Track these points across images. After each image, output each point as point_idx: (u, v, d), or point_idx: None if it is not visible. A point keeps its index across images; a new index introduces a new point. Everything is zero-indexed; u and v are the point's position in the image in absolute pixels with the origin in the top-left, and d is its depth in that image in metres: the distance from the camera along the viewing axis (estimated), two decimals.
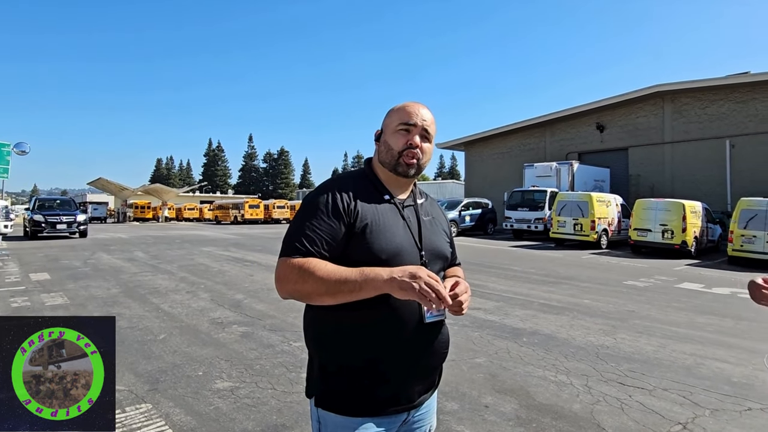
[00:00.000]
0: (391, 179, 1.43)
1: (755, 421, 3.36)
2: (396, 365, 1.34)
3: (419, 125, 1.39)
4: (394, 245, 1.32)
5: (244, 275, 9.65)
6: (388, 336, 1.32)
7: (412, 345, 1.35)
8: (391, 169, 1.41)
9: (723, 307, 7.33)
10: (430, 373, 1.43)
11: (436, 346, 1.40)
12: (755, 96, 19.12)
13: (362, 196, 1.37)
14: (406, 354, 1.35)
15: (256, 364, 4.34)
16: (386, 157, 1.41)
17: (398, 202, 1.42)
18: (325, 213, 1.32)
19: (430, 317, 1.34)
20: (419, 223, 1.43)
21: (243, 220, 39.65)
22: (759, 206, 12.39)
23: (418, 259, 1.37)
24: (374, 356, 1.32)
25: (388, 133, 1.42)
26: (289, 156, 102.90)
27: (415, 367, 1.37)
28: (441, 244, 1.48)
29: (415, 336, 1.34)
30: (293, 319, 5.95)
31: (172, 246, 16.39)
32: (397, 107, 1.44)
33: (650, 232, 14.55)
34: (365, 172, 1.47)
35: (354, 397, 1.31)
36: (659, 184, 21.74)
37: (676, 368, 4.42)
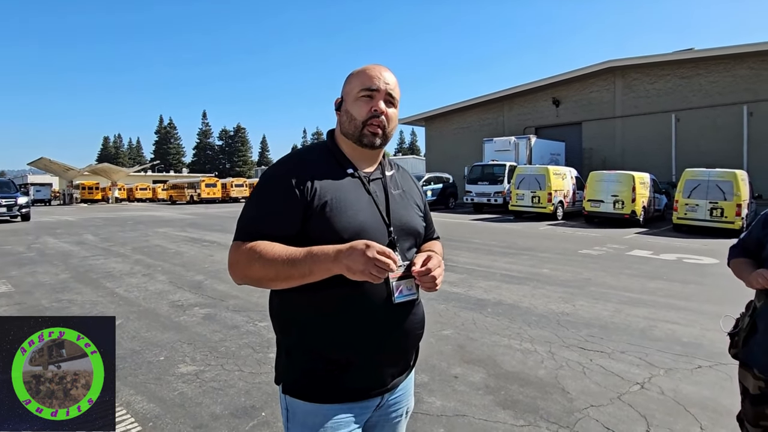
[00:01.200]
0: (355, 151, 1.33)
1: (705, 377, 3.58)
2: (365, 349, 1.26)
3: (383, 89, 1.27)
4: (356, 223, 1.23)
5: (204, 256, 9.36)
6: (354, 318, 1.24)
7: (381, 327, 1.26)
8: (356, 140, 1.29)
9: (671, 272, 7.76)
10: (403, 355, 1.35)
11: (408, 326, 1.32)
12: (699, 72, 20.02)
13: (321, 172, 1.27)
14: (375, 337, 1.26)
15: (221, 347, 4.22)
16: (349, 128, 1.30)
17: (363, 176, 1.32)
18: (279, 192, 1.23)
19: (400, 297, 1.26)
20: (387, 198, 1.33)
21: (200, 200, 38.39)
22: (702, 176, 13.10)
23: (386, 236, 1.27)
24: (341, 340, 1.25)
25: (350, 101, 1.30)
26: (246, 133, 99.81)
27: (387, 349, 1.29)
28: (412, 218, 1.37)
29: (385, 317, 1.26)
30: (257, 299, 5.82)
31: (125, 228, 15.67)
32: (356, 71, 1.32)
33: (602, 203, 15.16)
34: (327, 146, 1.35)
35: (322, 383, 1.25)
36: (611, 157, 22.60)
37: (631, 331, 4.64)
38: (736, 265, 2.07)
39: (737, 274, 2.04)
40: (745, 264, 2.01)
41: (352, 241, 1.16)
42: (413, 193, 1.45)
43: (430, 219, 1.54)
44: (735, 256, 2.10)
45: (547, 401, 3.18)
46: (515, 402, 3.17)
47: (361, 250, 1.10)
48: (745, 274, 1.94)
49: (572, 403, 3.15)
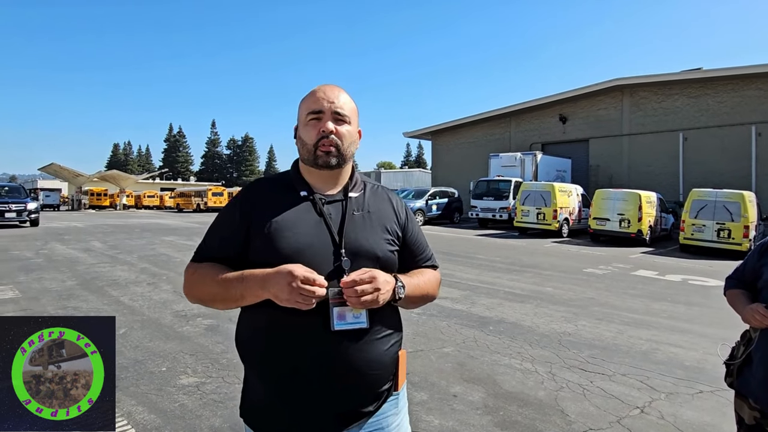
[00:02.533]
0: (314, 175, 1.31)
1: (706, 403, 3.56)
2: (296, 382, 1.17)
3: (327, 108, 1.25)
4: (295, 244, 1.19)
5: None
6: (285, 344, 1.17)
7: (318, 358, 1.16)
8: (312, 163, 1.28)
9: (675, 293, 7.71)
10: (347, 398, 1.20)
11: (356, 363, 1.19)
12: (707, 92, 20.03)
13: (269, 197, 1.29)
14: (308, 369, 1.16)
15: (223, 358, 4.25)
16: (303, 153, 1.29)
17: (318, 198, 1.29)
18: (227, 218, 1.30)
19: (341, 324, 1.15)
20: (343, 219, 1.26)
21: (206, 208, 38.63)
22: (709, 197, 13.05)
23: (331, 258, 1.20)
24: (274, 367, 1.19)
25: (301, 126, 1.30)
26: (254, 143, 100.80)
27: (321, 384, 1.17)
28: (371, 241, 1.26)
29: (322, 347, 1.16)
30: None
31: (132, 235, 15.81)
32: (305, 96, 1.31)
33: (608, 221, 15.11)
34: (287, 172, 1.38)
35: (257, 413, 1.24)
36: (617, 174, 22.56)
37: (633, 354, 4.62)
38: (731, 296, 2.08)
39: (732, 306, 2.05)
40: (740, 296, 2.02)
41: (290, 261, 1.14)
42: (383, 215, 1.34)
43: (418, 244, 1.41)
44: (731, 287, 2.11)
45: (546, 423, 3.17)
46: (513, 423, 3.17)
47: (285, 278, 1.09)
48: (740, 307, 1.95)
49: (571, 426, 3.14)
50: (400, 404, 1.35)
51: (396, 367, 1.31)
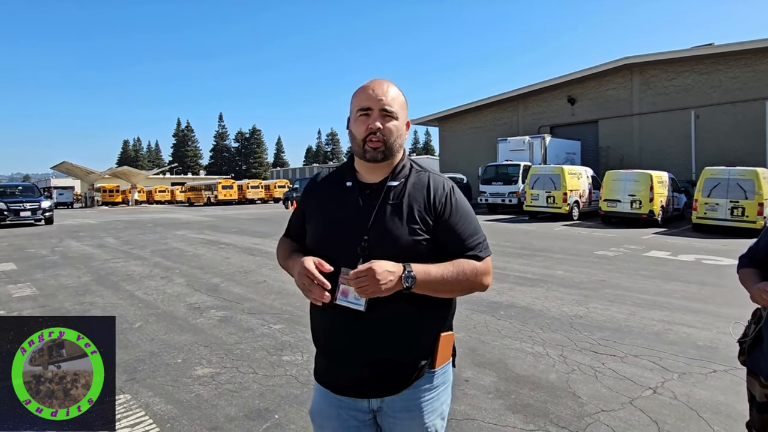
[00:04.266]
0: (365, 165, 1.42)
1: (719, 382, 3.54)
2: (327, 347, 1.43)
3: (376, 107, 1.32)
4: (323, 231, 1.40)
5: (220, 258, 9.52)
6: (319, 316, 1.43)
7: (341, 331, 1.36)
8: (360, 157, 1.39)
9: (688, 273, 7.64)
10: (371, 369, 1.35)
11: (371, 336, 1.33)
12: (719, 67, 19.59)
13: (323, 187, 1.49)
14: (336, 339, 1.39)
15: (236, 349, 4.31)
16: (354, 146, 1.40)
17: (361, 187, 1.41)
18: (297, 206, 1.60)
19: (341, 300, 1.31)
20: (377, 207, 1.34)
21: (216, 202, 38.93)
22: (722, 175, 12.83)
23: (355, 244, 1.32)
24: (315, 334, 1.48)
25: (352, 121, 1.39)
26: (262, 135, 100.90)
27: (349, 356, 1.37)
28: (395, 229, 1.32)
29: (339, 321, 1.35)
30: (272, 302, 5.92)
31: (144, 230, 16.00)
32: (356, 90, 1.39)
33: (619, 203, 14.95)
34: (345, 162, 1.52)
35: (317, 367, 1.49)
36: (628, 155, 22.26)
37: (645, 335, 4.60)
38: (743, 275, 2.05)
39: (743, 285, 2.02)
40: (751, 275, 1.99)
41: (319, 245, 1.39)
42: (414, 204, 1.36)
43: (456, 233, 1.38)
44: (744, 266, 2.08)
45: (558, 405, 3.18)
46: (525, 406, 3.19)
47: (297, 268, 1.33)
48: (749, 285, 1.93)
49: (583, 408, 3.15)
50: (437, 381, 1.44)
51: (433, 347, 1.41)
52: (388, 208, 1.35)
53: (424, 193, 1.39)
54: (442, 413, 1.47)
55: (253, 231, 14.99)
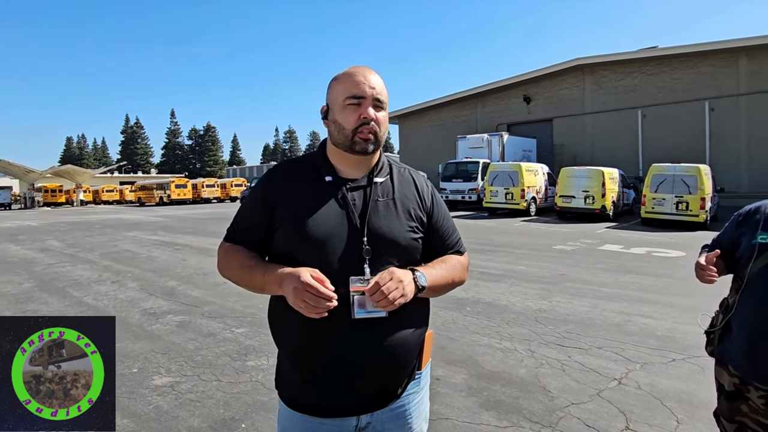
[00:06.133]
0: (344, 159, 1.28)
1: (679, 371, 3.67)
2: (322, 365, 1.20)
3: (369, 95, 1.22)
4: (317, 233, 1.19)
5: (176, 260, 9.11)
6: (313, 329, 1.17)
7: (341, 344, 1.19)
8: (347, 149, 1.25)
9: (642, 265, 7.97)
10: (372, 380, 1.23)
11: (381, 348, 1.21)
12: (664, 69, 20.66)
13: (294, 182, 1.29)
14: (334, 353, 1.19)
15: (197, 356, 4.10)
16: (339, 138, 1.25)
17: (343, 183, 1.27)
18: (252, 202, 1.32)
19: (360, 312, 1.17)
20: (366, 206, 1.25)
21: (169, 201, 37.48)
22: (668, 171, 13.51)
23: (358, 246, 1.20)
24: (301, 350, 1.23)
25: (336, 109, 1.25)
26: (217, 132, 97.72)
27: (347, 370, 1.20)
28: (393, 228, 1.25)
29: (346, 334, 1.18)
30: (233, 304, 5.70)
31: (92, 232, 15.13)
32: (340, 76, 1.26)
33: (574, 199, 15.48)
34: (313, 154, 1.35)
35: (290, 389, 1.27)
36: (581, 152, 23.11)
37: (607, 327, 4.73)
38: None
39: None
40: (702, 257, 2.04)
41: (314, 250, 1.18)
42: (407, 202, 1.31)
43: (444, 230, 1.38)
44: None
45: (530, 401, 3.20)
46: (498, 403, 3.18)
47: (293, 282, 1.10)
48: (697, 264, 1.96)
49: (553, 402, 3.18)
50: (422, 382, 1.39)
51: (421, 347, 1.34)
52: (381, 206, 1.26)
53: (413, 190, 1.35)
54: (426, 415, 1.43)
55: (210, 231, 14.48)
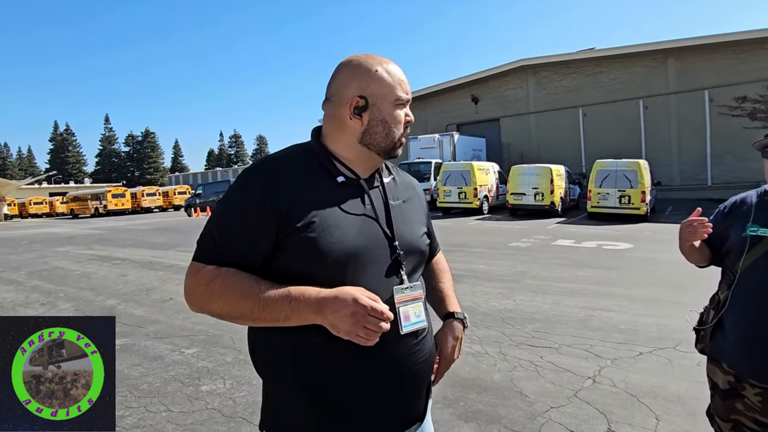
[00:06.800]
0: (361, 158, 1.11)
1: (647, 364, 3.67)
2: (365, 395, 1.03)
3: (409, 99, 1.14)
4: (346, 247, 1.01)
5: (115, 276, 8.40)
6: (361, 356, 1.00)
7: (393, 363, 1.04)
8: (384, 151, 1.11)
9: (594, 259, 8.17)
10: (412, 400, 1.12)
11: (421, 362, 1.10)
12: (601, 70, 21.70)
13: (304, 181, 1.04)
14: (379, 378, 1.04)
15: (143, 383, 3.68)
16: (379, 138, 1.09)
17: (356, 184, 1.10)
18: (243, 210, 1.02)
19: (408, 325, 1.06)
20: (387, 209, 1.11)
21: (106, 212, 35.20)
22: (610, 167, 14.11)
23: (388, 255, 1.06)
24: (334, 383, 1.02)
25: (386, 108, 1.08)
26: (156, 138, 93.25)
27: (393, 394, 1.07)
28: (415, 234, 1.17)
29: (397, 351, 1.05)
30: (181, 322, 5.25)
31: (17, 249, 13.81)
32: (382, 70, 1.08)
33: (524, 196, 15.85)
34: (307, 149, 1.13)
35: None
36: (527, 151, 23.83)
37: (572, 323, 4.72)
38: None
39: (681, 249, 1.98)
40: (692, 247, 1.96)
41: (341, 267, 0.99)
42: (416, 205, 1.23)
43: (432, 229, 1.36)
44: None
45: (508, 408, 3.06)
46: (476, 413, 3.02)
47: (349, 306, 0.93)
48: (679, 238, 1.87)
49: (532, 407, 3.06)
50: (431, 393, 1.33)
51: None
52: (397, 211, 1.14)
53: (417, 191, 1.28)
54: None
55: (153, 243, 13.60)
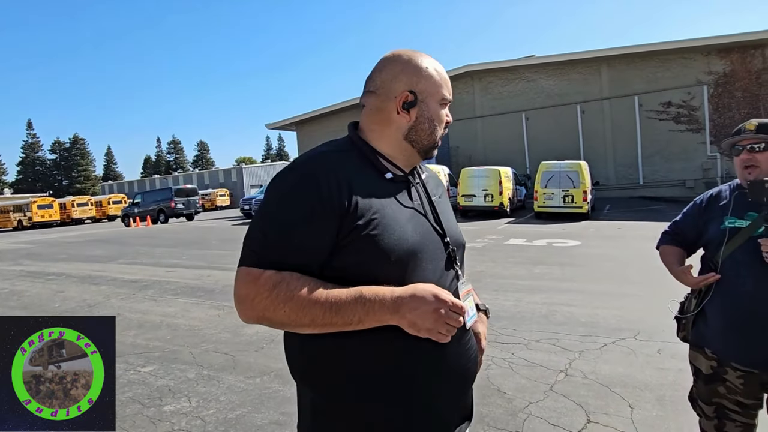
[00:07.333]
0: (405, 154, 1.09)
1: (612, 355, 3.82)
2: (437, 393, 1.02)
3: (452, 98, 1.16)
4: (406, 244, 0.98)
5: (51, 293, 7.71)
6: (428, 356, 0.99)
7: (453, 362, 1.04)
8: (424, 150, 1.10)
9: (547, 256, 8.48)
10: (467, 394, 1.14)
11: (474, 356, 1.12)
12: (541, 76, 22.75)
13: (357, 178, 0.99)
14: (447, 375, 1.03)
15: None
16: (423, 136, 1.07)
17: (403, 180, 1.09)
18: (310, 205, 0.95)
19: (469, 320, 1.07)
20: (432, 206, 1.11)
21: (31, 225, 32.50)
22: (554, 168, 14.79)
23: (442, 251, 1.05)
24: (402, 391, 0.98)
25: (432, 106, 1.08)
26: (86, 144, 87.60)
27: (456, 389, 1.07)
28: (457, 229, 1.17)
29: (457, 348, 1.04)
30: (133, 338, 4.89)
31: None
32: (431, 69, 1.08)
33: (475, 197, 16.26)
34: (350, 145, 1.08)
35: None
36: (475, 154, 24.50)
37: (537, 319, 4.84)
38: (664, 252, 2.09)
39: (664, 263, 2.07)
40: (673, 255, 2.04)
41: (400, 263, 0.96)
42: (446, 199, 1.23)
43: None
44: (665, 243, 2.13)
45: (489, 406, 3.07)
46: None
47: (430, 303, 0.92)
48: (674, 268, 1.97)
49: (512, 404, 3.08)
50: None
51: None
52: (439, 207, 1.13)
53: (443, 187, 1.28)
54: None
55: (90, 255, 12.66)
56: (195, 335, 4.92)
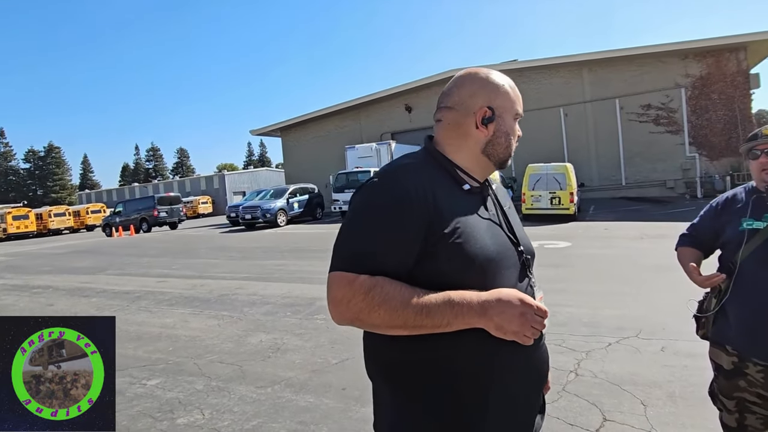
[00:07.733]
0: (480, 166, 1.15)
1: (618, 354, 3.90)
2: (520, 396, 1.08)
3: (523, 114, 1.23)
4: (486, 252, 1.03)
5: (40, 306, 7.52)
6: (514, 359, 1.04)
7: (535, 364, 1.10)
8: (499, 162, 1.16)
9: (540, 258, 8.42)
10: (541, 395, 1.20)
11: (547, 358, 1.18)
12: (524, 80, 22.98)
13: (439, 188, 1.05)
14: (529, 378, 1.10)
15: None
16: (500, 149, 1.14)
17: (479, 192, 1.15)
18: (401, 212, 0.99)
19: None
20: (505, 215, 1.17)
21: (6, 236, 31.56)
22: (542, 170, 15.01)
23: (517, 261, 1.10)
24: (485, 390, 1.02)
25: (508, 121, 1.14)
26: (62, 153, 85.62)
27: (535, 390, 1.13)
28: (528, 238, 1.22)
29: (536, 351, 1.10)
30: (134, 351, 4.80)
31: None
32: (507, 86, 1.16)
33: None
34: (433, 156, 1.13)
35: None
36: None
37: None
38: (681, 254, 2.17)
39: (681, 264, 2.14)
40: (688, 257, 2.12)
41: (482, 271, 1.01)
42: (514, 209, 1.29)
43: None
44: (683, 245, 2.21)
45: None
46: None
47: (516, 307, 0.97)
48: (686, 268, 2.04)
49: None
50: None
51: None
52: (509, 216, 1.20)
53: (509, 198, 1.33)
54: None
55: (76, 267, 12.37)
56: (197, 346, 4.86)
